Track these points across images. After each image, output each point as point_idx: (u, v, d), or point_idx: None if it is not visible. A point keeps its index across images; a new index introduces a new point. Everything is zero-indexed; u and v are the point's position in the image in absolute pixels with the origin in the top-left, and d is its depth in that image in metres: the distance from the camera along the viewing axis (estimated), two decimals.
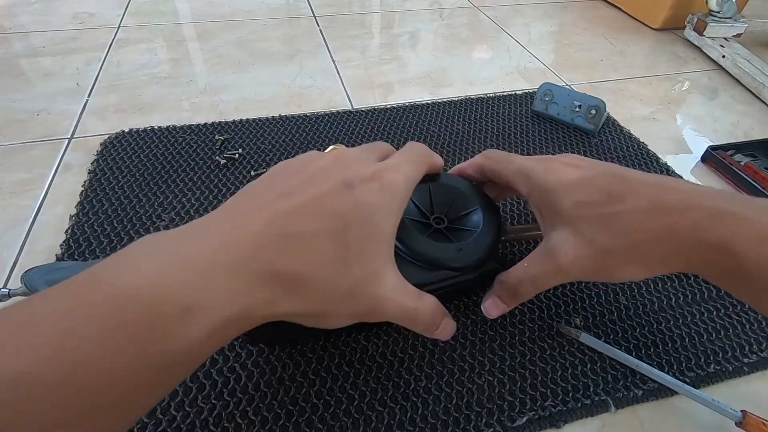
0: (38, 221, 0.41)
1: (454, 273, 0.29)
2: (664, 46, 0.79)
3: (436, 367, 0.31)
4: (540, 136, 0.54)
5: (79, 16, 0.78)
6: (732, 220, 0.24)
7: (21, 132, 0.51)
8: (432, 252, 0.28)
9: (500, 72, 0.69)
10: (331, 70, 0.67)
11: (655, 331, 0.34)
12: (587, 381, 0.31)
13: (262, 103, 0.59)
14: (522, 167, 0.30)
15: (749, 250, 0.23)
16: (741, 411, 0.28)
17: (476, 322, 0.34)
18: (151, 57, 0.68)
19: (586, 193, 0.27)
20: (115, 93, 0.59)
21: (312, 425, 0.28)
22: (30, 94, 0.58)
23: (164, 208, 0.42)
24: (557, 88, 0.56)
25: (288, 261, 0.20)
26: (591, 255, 0.26)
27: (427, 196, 0.32)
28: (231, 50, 0.71)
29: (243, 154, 0.49)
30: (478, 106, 0.59)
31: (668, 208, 0.25)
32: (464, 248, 0.29)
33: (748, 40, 0.78)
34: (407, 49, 0.74)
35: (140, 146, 0.49)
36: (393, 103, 0.60)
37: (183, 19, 0.80)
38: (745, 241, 0.23)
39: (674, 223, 0.24)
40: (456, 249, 0.29)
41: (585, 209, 0.26)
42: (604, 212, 0.26)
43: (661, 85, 0.68)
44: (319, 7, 0.86)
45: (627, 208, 0.25)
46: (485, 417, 0.29)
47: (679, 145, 0.56)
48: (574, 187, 0.27)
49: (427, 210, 0.32)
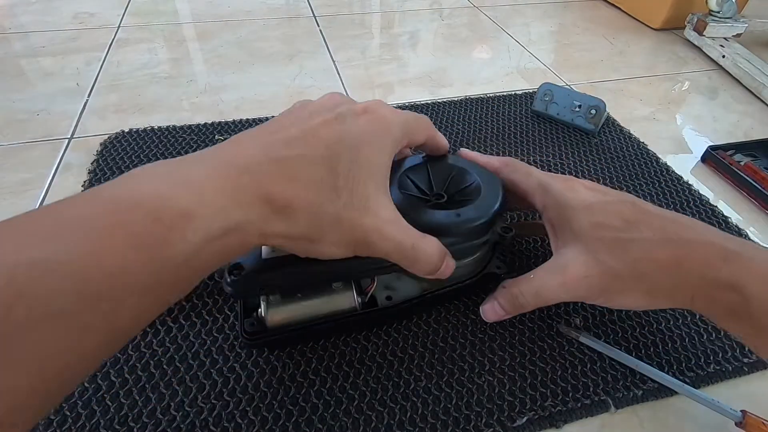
0: None
1: (456, 241, 0.29)
2: (664, 46, 0.79)
3: (436, 367, 0.31)
4: (540, 136, 0.54)
5: (79, 16, 0.78)
6: (742, 260, 0.24)
7: (21, 132, 0.51)
8: (430, 219, 0.28)
9: (500, 72, 0.69)
10: (331, 70, 0.67)
11: (655, 331, 0.34)
12: (587, 381, 0.31)
13: (262, 103, 0.59)
14: (541, 181, 0.31)
15: (758, 290, 0.23)
16: (741, 411, 0.28)
17: (476, 322, 0.34)
18: (151, 57, 0.68)
19: (604, 216, 0.27)
20: (115, 93, 0.59)
21: (312, 425, 0.28)
22: (30, 94, 0.58)
23: None
24: (557, 88, 0.56)
25: (279, 183, 0.21)
26: (599, 276, 0.26)
27: (426, 175, 0.32)
28: (231, 50, 0.71)
29: None
30: (478, 106, 0.59)
31: (680, 242, 0.25)
32: (462, 213, 0.29)
33: (748, 40, 0.78)
34: (407, 49, 0.74)
35: (140, 146, 0.49)
36: (393, 103, 0.60)
37: (183, 19, 0.80)
38: (754, 281, 0.23)
39: (684, 257, 0.25)
40: (455, 215, 0.29)
41: (601, 231, 0.27)
42: (618, 237, 0.26)
43: (661, 85, 0.68)
44: (319, 7, 0.86)
45: (641, 237, 0.26)
46: (485, 417, 0.29)
47: (679, 145, 0.56)
48: (593, 208, 0.28)
49: (426, 188, 0.32)
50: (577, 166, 0.50)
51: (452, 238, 0.28)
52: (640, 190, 0.47)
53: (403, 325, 0.33)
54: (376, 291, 0.31)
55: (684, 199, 0.46)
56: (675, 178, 0.49)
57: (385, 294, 0.31)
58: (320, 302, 0.29)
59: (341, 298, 0.30)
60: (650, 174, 0.49)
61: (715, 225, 0.44)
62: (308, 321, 0.29)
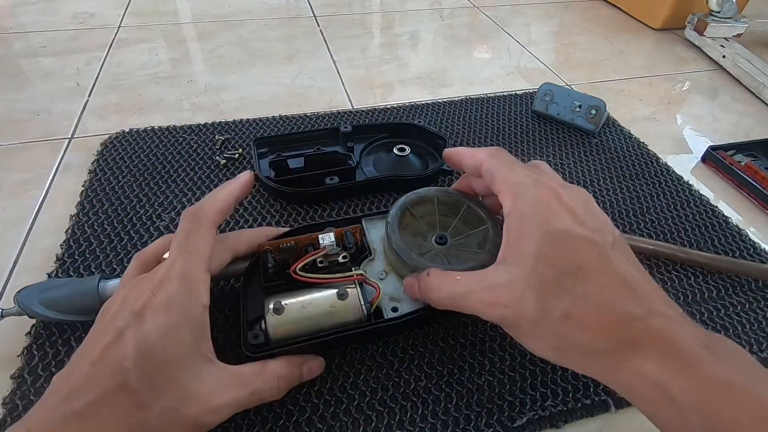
0: (38, 221, 0.41)
1: None
2: (664, 46, 0.79)
3: (436, 367, 0.31)
4: (540, 136, 0.54)
5: (79, 16, 0.78)
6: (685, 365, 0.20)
7: (21, 132, 0.51)
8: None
9: (500, 72, 0.69)
10: (331, 70, 0.67)
11: None
12: (587, 381, 0.31)
13: (262, 103, 0.59)
14: (519, 182, 0.26)
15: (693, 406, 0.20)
16: None
17: (476, 322, 0.34)
18: (151, 57, 0.68)
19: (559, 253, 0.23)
20: (115, 93, 0.59)
21: (312, 425, 0.28)
22: (30, 94, 0.58)
23: (164, 208, 0.42)
24: (557, 88, 0.56)
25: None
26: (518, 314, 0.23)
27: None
28: (231, 50, 0.71)
29: (243, 154, 0.48)
30: (478, 106, 0.59)
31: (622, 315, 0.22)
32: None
33: (749, 40, 0.78)
34: (407, 49, 0.74)
35: (140, 146, 0.49)
36: (393, 103, 0.60)
37: (183, 19, 0.80)
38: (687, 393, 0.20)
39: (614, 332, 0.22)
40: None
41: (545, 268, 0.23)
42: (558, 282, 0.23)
43: (661, 85, 0.68)
44: (319, 7, 0.86)
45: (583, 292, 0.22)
46: (485, 417, 0.29)
47: (679, 145, 0.56)
48: (554, 238, 0.24)
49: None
50: (577, 166, 0.50)
51: None
52: (640, 190, 0.47)
53: None
54: (381, 302, 0.30)
55: (684, 199, 0.46)
56: (675, 178, 0.49)
57: (391, 305, 0.30)
58: (325, 314, 0.29)
59: (347, 311, 0.29)
60: (650, 174, 0.49)
61: (716, 225, 0.44)
62: (312, 333, 0.28)
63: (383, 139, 0.50)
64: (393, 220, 0.31)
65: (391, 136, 0.51)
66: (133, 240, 0.39)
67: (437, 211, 0.33)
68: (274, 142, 0.48)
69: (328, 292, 0.29)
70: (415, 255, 0.29)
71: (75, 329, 0.32)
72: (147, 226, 0.40)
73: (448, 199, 0.33)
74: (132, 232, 0.39)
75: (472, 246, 0.31)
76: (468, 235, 0.32)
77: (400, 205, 0.32)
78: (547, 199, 0.25)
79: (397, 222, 0.31)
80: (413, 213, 0.33)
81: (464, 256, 0.31)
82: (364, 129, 0.50)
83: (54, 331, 0.32)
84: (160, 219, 0.41)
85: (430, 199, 0.33)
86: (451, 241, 0.32)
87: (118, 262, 0.37)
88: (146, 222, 0.40)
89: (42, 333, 0.32)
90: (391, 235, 0.31)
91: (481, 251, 0.30)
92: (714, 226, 0.44)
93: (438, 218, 0.33)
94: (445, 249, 0.31)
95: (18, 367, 0.30)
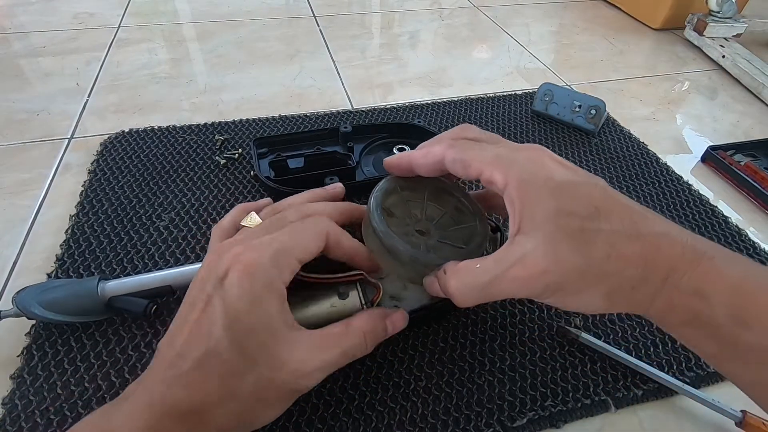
0: (38, 221, 0.41)
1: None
2: (664, 46, 0.79)
3: (436, 367, 0.31)
4: (540, 136, 0.54)
5: (79, 16, 0.78)
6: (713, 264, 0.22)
7: (21, 132, 0.51)
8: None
9: (500, 72, 0.69)
10: (331, 70, 0.67)
11: (655, 331, 0.34)
12: (587, 381, 0.31)
13: (262, 103, 0.59)
14: (501, 155, 0.25)
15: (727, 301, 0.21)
16: (741, 411, 0.28)
17: (476, 322, 0.34)
18: (151, 57, 0.68)
19: (572, 200, 0.23)
20: (115, 93, 0.59)
21: (312, 425, 0.28)
22: (30, 94, 0.58)
23: (164, 208, 0.42)
24: (557, 88, 0.56)
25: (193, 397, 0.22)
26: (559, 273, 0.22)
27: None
28: (231, 50, 0.71)
29: (243, 154, 0.48)
30: (478, 106, 0.59)
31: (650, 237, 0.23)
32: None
33: (748, 40, 0.78)
34: (407, 49, 0.74)
35: (140, 146, 0.49)
36: (393, 103, 0.60)
37: (183, 19, 0.80)
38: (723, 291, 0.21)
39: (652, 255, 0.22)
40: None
41: (566, 219, 0.23)
42: (584, 227, 0.23)
43: (661, 85, 0.68)
44: (319, 7, 0.86)
45: (610, 228, 0.23)
46: (485, 417, 0.29)
47: (679, 145, 0.56)
48: (562, 189, 0.24)
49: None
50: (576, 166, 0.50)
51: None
52: (640, 190, 0.47)
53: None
54: (382, 301, 0.30)
55: (684, 199, 0.46)
56: (675, 178, 0.49)
57: (392, 304, 0.30)
58: (326, 314, 0.28)
59: (347, 310, 0.28)
60: (650, 174, 0.49)
61: (715, 225, 0.44)
62: None
63: (383, 139, 0.50)
64: (379, 224, 0.28)
65: (390, 136, 0.51)
66: (133, 240, 0.39)
67: (422, 201, 0.31)
68: (274, 142, 0.48)
69: (328, 292, 0.29)
70: (410, 248, 0.27)
71: (75, 330, 0.32)
72: (147, 226, 0.40)
73: (407, 183, 0.31)
74: (132, 232, 0.39)
75: (456, 241, 0.29)
76: (454, 229, 0.30)
77: (375, 207, 0.29)
78: (540, 159, 0.25)
79: (384, 225, 0.28)
80: (392, 212, 0.30)
81: (447, 251, 0.28)
82: (363, 129, 0.50)
83: (54, 332, 0.32)
84: (160, 219, 0.41)
85: (393, 189, 0.31)
86: (434, 233, 0.30)
87: (118, 262, 0.37)
88: (146, 222, 0.40)
89: (42, 333, 0.32)
90: (386, 239, 0.28)
91: (465, 246, 0.28)
92: (714, 226, 0.44)
93: (426, 207, 0.31)
94: (428, 239, 0.29)
95: (17, 368, 0.30)
